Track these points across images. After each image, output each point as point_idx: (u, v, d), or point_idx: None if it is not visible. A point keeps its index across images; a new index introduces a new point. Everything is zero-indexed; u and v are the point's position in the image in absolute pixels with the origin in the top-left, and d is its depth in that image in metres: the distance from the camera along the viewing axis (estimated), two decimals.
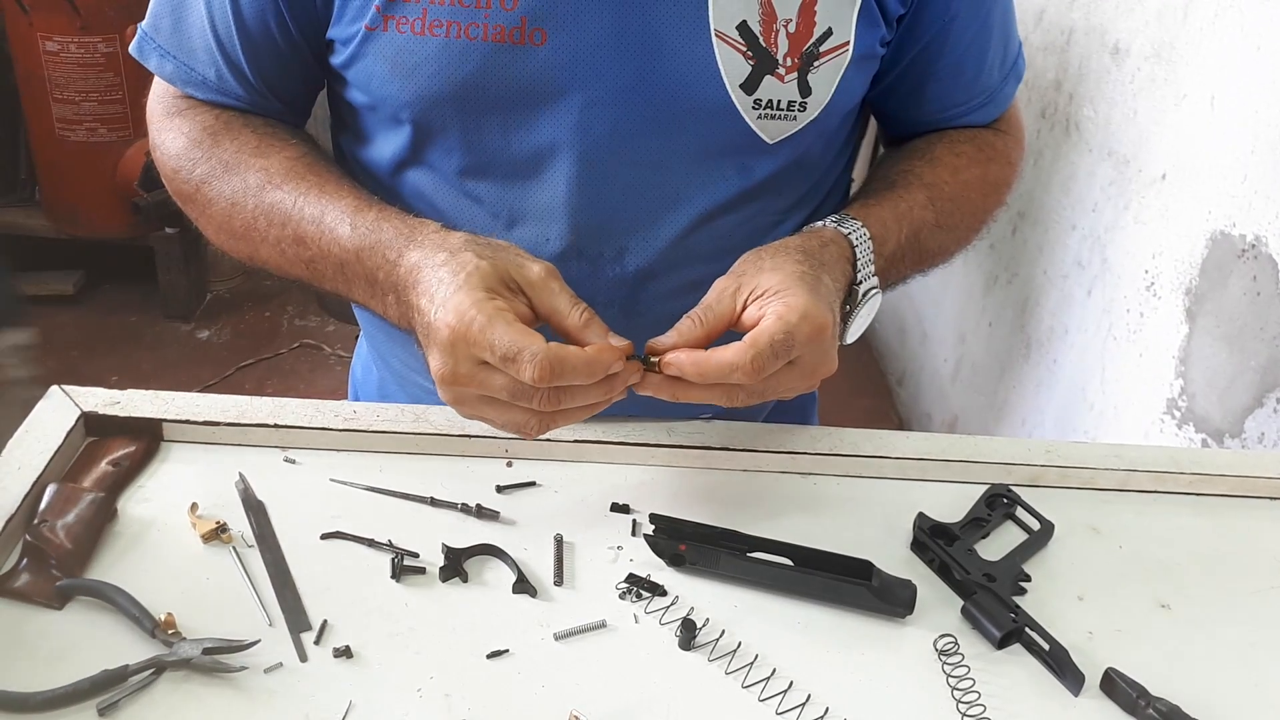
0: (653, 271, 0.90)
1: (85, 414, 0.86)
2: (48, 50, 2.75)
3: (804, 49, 0.83)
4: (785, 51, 0.83)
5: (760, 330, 0.74)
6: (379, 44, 0.82)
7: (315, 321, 3.26)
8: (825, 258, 0.82)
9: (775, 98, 0.84)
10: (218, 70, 0.88)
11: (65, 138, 2.86)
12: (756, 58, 0.82)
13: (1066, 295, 2.02)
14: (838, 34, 0.83)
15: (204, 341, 3.12)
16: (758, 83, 0.83)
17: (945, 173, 0.95)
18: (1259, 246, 1.42)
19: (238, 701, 0.66)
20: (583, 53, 0.81)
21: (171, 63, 0.89)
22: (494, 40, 0.80)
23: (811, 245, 0.82)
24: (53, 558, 0.73)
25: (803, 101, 0.85)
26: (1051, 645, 0.73)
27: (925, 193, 0.92)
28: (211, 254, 3.28)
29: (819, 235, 0.84)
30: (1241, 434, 1.45)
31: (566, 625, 0.73)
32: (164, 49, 0.89)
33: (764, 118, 0.85)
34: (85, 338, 3.04)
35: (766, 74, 0.83)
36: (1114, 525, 0.88)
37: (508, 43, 0.80)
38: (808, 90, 0.84)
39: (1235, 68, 1.50)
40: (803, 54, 0.83)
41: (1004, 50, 0.97)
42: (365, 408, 0.90)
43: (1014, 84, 1.00)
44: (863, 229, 0.85)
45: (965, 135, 0.99)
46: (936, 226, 0.93)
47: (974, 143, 0.99)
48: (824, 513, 0.86)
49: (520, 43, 0.80)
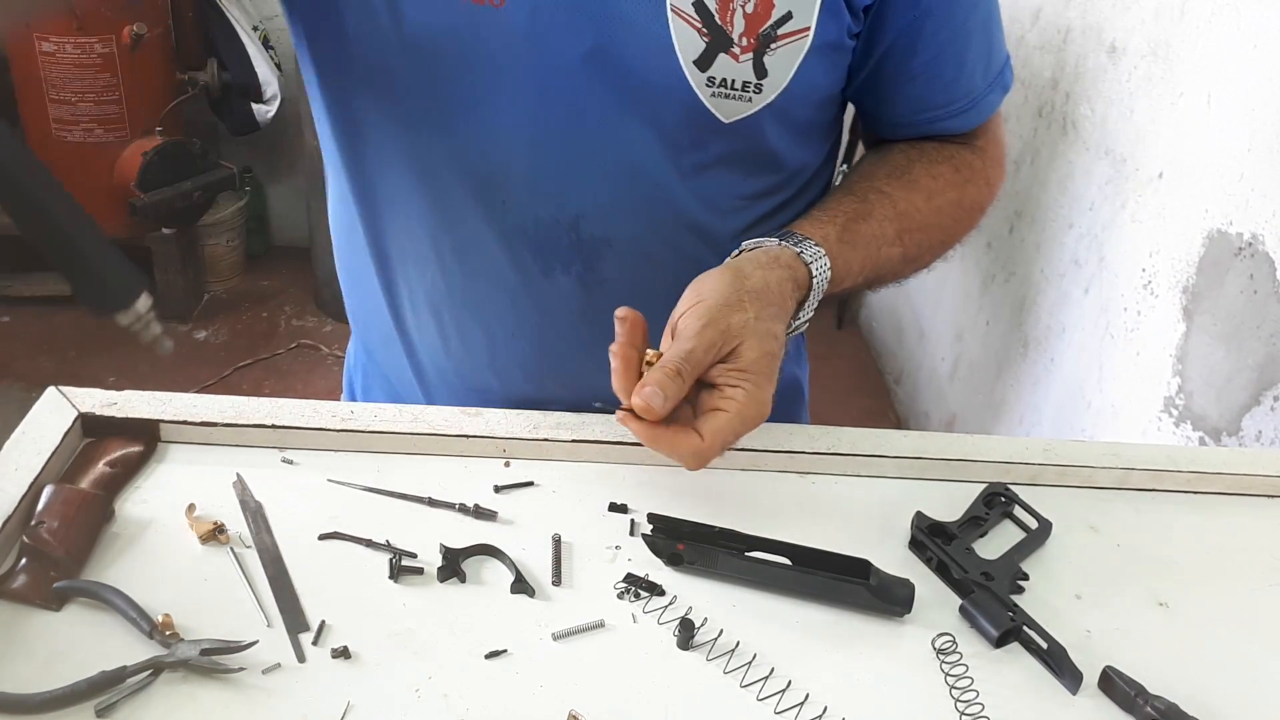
0: (609, 240, 0.91)
1: (82, 415, 0.86)
2: (44, 51, 2.75)
3: (760, 30, 0.83)
4: (741, 31, 0.83)
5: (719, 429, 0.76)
6: None
7: (313, 322, 3.26)
8: (789, 306, 0.83)
9: (729, 76, 0.84)
10: None
11: (62, 138, 2.85)
12: (711, 35, 0.83)
13: (1064, 294, 2.03)
14: (798, 18, 0.83)
15: (201, 342, 3.12)
16: (711, 60, 0.83)
17: (920, 198, 0.94)
18: (1256, 245, 1.43)
19: (236, 702, 0.66)
20: (540, 17, 0.82)
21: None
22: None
23: (785, 293, 0.82)
24: (50, 559, 0.73)
25: (758, 83, 0.85)
26: (1049, 644, 0.73)
27: (895, 225, 0.92)
28: (209, 254, 3.28)
29: (793, 278, 0.83)
30: (1239, 432, 1.45)
31: (565, 625, 0.73)
32: None
33: (718, 96, 0.85)
34: (82, 338, 3.03)
35: (721, 52, 0.83)
36: (1112, 523, 0.88)
37: (467, 2, 0.81)
38: (763, 72, 0.85)
39: (1232, 66, 1.50)
40: (759, 35, 0.83)
41: (987, 57, 0.95)
42: (363, 408, 0.90)
43: (999, 94, 0.99)
44: (828, 272, 0.85)
45: (944, 154, 0.98)
46: (901, 260, 0.94)
47: (951, 163, 0.98)
48: (822, 512, 0.86)
49: (480, 2, 0.81)
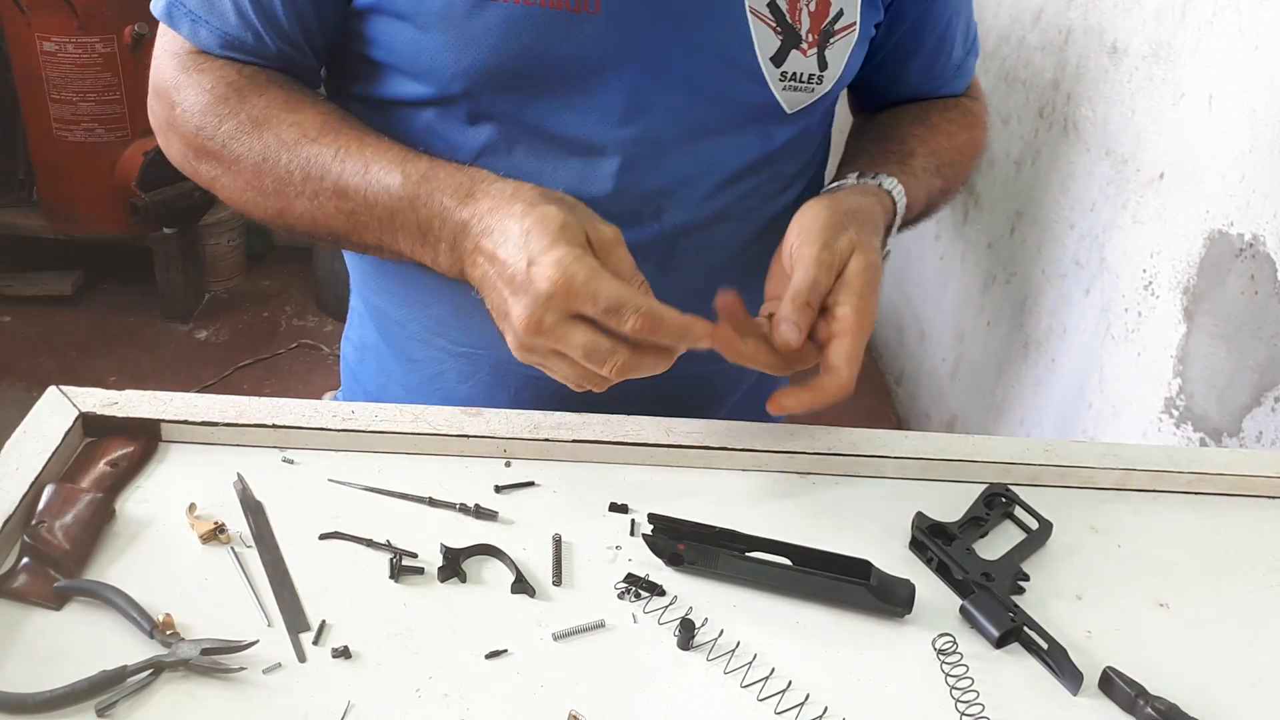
0: (686, 229, 0.95)
1: (83, 414, 0.86)
2: (45, 50, 2.75)
3: (822, 26, 0.91)
4: (807, 28, 0.90)
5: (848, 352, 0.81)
6: (433, 5, 0.83)
7: (313, 322, 3.26)
8: (881, 229, 0.90)
9: (799, 70, 0.91)
10: (254, 31, 0.87)
11: (63, 138, 2.85)
12: (784, 33, 0.89)
13: (1064, 294, 2.02)
14: (847, 15, 0.92)
15: (202, 342, 3.12)
16: (785, 56, 0.90)
17: (944, 139, 1.05)
18: (1257, 246, 1.43)
19: (236, 702, 0.66)
20: (635, 22, 0.85)
21: (205, 28, 0.88)
22: (550, 7, 0.82)
23: (877, 216, 0.90)
24: (51, 558, 0.73)
25: (820, 75, 0.92)
26: (1050, 644, 0.73)
27: (935, 160, 1.02)
28: (210, 254, 3.28)
29: (881, 203, 0.92)
30: (1240, 433, 1.45)
31: (565, 625, 0.73)
32: (196, 14, 0.88)
33: (788, 89, 0.92)
34: (83, 338, 3.03)
35: (793, 48, 0.90)
36: (1112, 524, 0.88)
37: (564, 9, 0.82)
38: (824, 64, 0.92)
39: (1233, 67, 1.50)
40: (821, 31, 0.91)
41: (967, 26, 1.07)
42: (363, 408, 0.90)
43: (974, 59, 1.11)
44: (904, 198, 0.94)
45: (950, 104, 1.10)
46: (941, 192, 1.05)
47: (959, 109, 1.10)
48: (822, 512, 0.86)
49: (576, 10, 0.82)
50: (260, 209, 0.89)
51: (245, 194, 0.89)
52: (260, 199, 0.88)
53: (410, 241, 0.83)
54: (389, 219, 0.83)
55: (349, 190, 0.83)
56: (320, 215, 0.86)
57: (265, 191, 0.87)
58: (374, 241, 0.86)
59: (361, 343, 1.11)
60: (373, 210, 0.83)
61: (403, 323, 1.03)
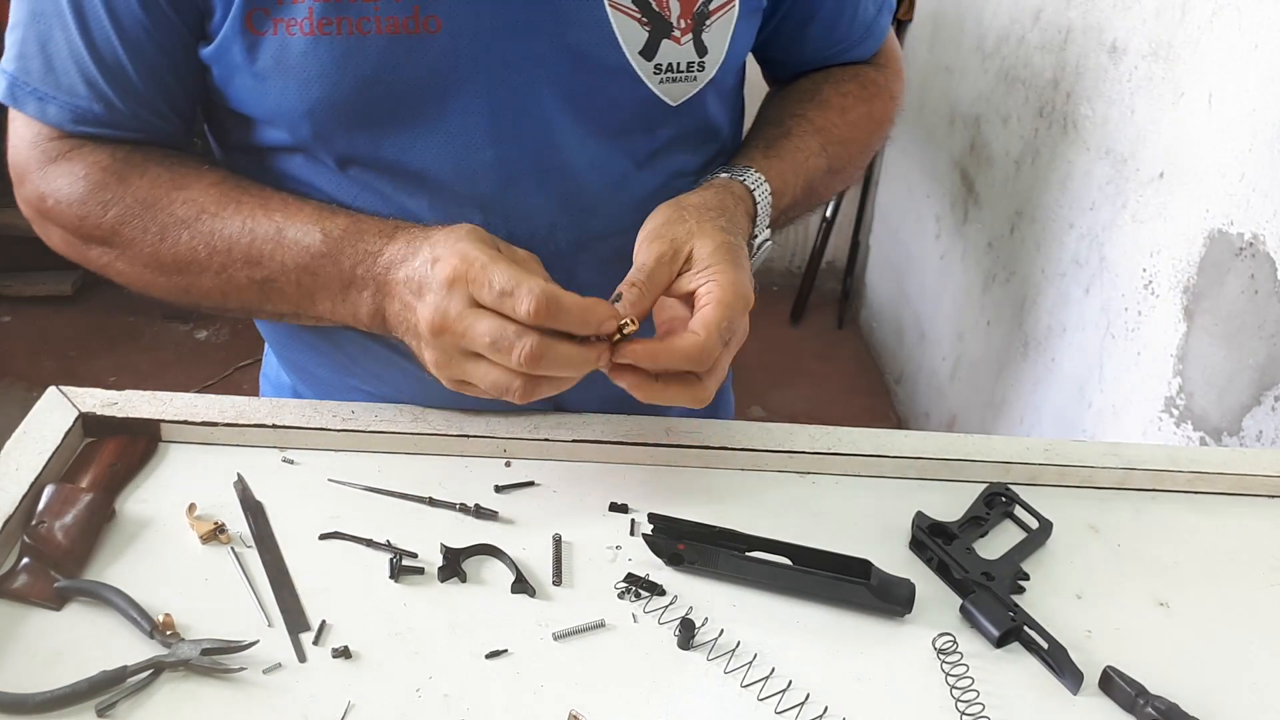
0: (583, 243, 0.90)
1: (83, 414, 0.86)
2: None
3: (695, 9, 0.84)
4: (678, 14, 0.84)
5: (707, 320, 0.75)
6: (267, 51, 0.78)
7: None
8: (737, 216, 0.84)
9: (674, 60, 0.85)
10: (105, 100, 0.82)
11: None
12: (651, 23, 0.83)
13: (1064, 294, 2.03)
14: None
15: (202, 342, 3.12)
16: (656, 48, 0.84)
17: (834, 115, 0.98)
18: (1257, 245, 1.43)
19: (236, 702, 0.66)
20: (482, 35, 0.79)
21: (54, 104, 0.82)
22: (388, 33, 0.78)
23: (726, 203, 0.84)
24: (51, 558, 0.73)
25: (700, 61, 0.86)
26: (1050, 644, 0.73)
27: (818, 139, 0.95)
28: None
29: (729, 191, 0.86)
30: (1240, 432, 1.45)
31: (565, 625, 0.73)
32: (41, 91, 0.82)
33: (665, 81, 0.86)
34: (83, 338, 3.03)
35: (664, 38, 0.84)
36: (1112, 524, 0.88)
37: (403, 34, 0.78)
38: (704, 49, 0.86)
39: (1233, 66, 1.50)
40: (694, 14, 0.84)
41: None
42: (363, 408, 0.90)
43: (887, 15, 1.03)
44: (765, 184, 0.88)
45: (849, 74, 1.02)
46: (828, 172, 0.97)
47: (857, 80, 1.02)
48: (822, 512, 0.86)
49: (415, 32, 0.78)
50: (161, 288, 0.86)
51: (144, 275, 0.86)
52: (161, 278, 0.85)
53: (330, 300, 0.81)
54: (309, 279, 0.80)
55: (262, 258, 0.81)
56: (229, 288, 0.83)
57: (166, 269, 0.84)
58: (290, 309, 0.83)
59: (279, 383, 1.09)
60: (289, 274, 0.81)
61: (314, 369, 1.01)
